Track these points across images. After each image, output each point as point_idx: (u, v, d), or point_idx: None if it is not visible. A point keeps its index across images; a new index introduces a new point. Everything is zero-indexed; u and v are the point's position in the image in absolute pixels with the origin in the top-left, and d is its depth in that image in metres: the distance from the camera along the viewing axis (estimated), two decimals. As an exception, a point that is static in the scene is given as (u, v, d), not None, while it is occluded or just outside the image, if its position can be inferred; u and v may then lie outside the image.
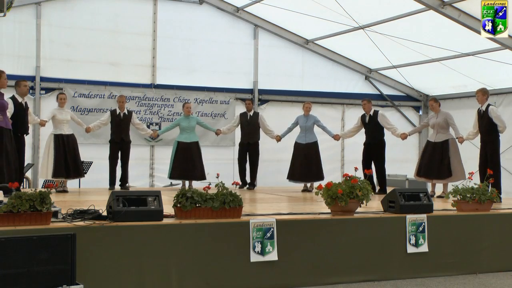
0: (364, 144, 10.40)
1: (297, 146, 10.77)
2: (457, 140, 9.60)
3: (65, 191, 9.52)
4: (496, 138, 8.92)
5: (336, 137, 10.97)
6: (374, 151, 10.21)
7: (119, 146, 10.06)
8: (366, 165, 10.12)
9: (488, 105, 9.01)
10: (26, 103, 8.87)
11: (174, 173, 10.38)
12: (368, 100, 10.49)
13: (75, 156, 9.62)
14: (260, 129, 11.00)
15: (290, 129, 11.02)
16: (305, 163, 10.60)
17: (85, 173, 11.12)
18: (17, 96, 8.71)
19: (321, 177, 10.57)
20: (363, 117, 10.46)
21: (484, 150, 9.05)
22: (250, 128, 10.95)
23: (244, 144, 11.01)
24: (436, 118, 9.76)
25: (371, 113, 10.31)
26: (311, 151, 10.65)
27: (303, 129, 10.75)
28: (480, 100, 9.13)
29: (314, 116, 10.94)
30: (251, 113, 11.02)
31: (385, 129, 10.30)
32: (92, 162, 11.25)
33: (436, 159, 9.51)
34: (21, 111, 8.58)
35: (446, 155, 9.43)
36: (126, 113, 10.17)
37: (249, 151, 10.97)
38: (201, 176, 10.38)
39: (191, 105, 10.71)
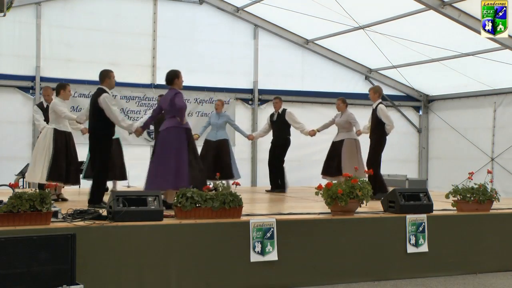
0: (271, 143, 10.44)
1: (207, 143, 10.36)
2: (356, 135, 9.71)
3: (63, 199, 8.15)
4: (379, 136, 8.84)
5: (250, 137, 10.84)
6: (277, 149, 10.24)
7: None
8: (271, 164, 10.25)
9: (379, 103, 8.94)
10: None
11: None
12: (280, 99, 10.46)
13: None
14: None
15: (205, 127, 10.67)
16: (216, 161, 10.19)
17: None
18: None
19: (231, 176, 10.24)
20: (271, 115, 10.45)
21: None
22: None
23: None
24: (339, 118, 9.89)
25: (280, 111, 10.29)
26: (222, 149, 10.31)
27: (214, 126, 10.39)
28: (372, 98, 9.11)
29: (228, 115, 10.85)
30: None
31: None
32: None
33: (330, 157, 9.75)
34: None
35: (338, 154, 9.59)
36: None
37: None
38: (121, 176, 9.56)
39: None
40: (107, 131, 7.10)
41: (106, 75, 7.25)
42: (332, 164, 9.68)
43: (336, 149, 9.72)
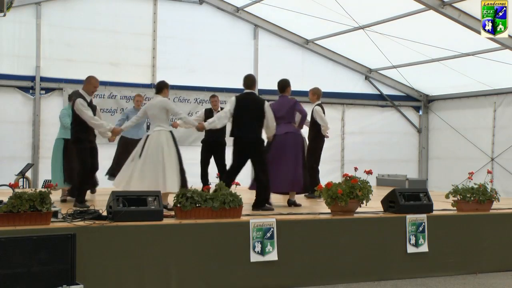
0: (204, 141, 9.64)
1: (125, 140, 9.25)
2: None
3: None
4: (315, 137, 9.03)
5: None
6: (215, 149, 9.57)
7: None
8: (205, 164, 9.60)
9: (316, 104, 9.05)
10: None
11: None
12: (217, 97, 9.94)
13: None
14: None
15: (121, 122, 9.22)
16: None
17: None
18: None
19: None
20: (209, 112, 9.69)
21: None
22: None
23: None
24: None
25: (219, 109, 9.56)
26: None
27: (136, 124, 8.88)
28: (311, 99, 9.24)
29: None
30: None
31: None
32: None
33: None
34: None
35: None
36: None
37: None
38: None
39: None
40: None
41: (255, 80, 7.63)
42: None
43: None
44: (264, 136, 7.43)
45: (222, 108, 9.91)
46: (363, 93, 14.90)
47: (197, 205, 5.70)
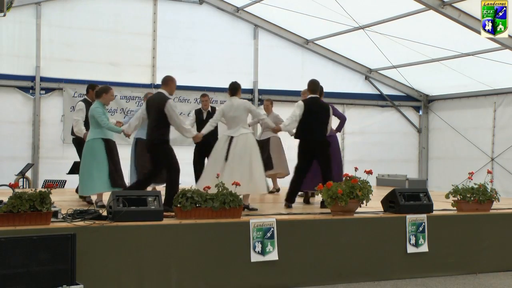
0: (197, 143, 8.76)
1: (141, 142, 8.55)
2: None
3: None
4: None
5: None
6: (208, 150, 8.66)
7: None
8: (197, 164, 9.42)
9: None
10: None
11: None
12: (208, 96, 9.77)
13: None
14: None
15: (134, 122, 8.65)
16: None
17: None
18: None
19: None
20: (199, 112, 9.62)
21: None
22: None
23: None
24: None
25: (209, 109, 9.64)
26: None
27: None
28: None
29: None
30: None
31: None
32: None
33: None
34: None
35: (266, 150, 9.70)
36: None
37: None
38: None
39: (113, 91, 8.05)
40: None
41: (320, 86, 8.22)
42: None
43: (263, 146, 9.58)
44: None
45: (212, 108, 9.79)
46: (363, 93, 14.90)
47: (197, 205, 5.71)
